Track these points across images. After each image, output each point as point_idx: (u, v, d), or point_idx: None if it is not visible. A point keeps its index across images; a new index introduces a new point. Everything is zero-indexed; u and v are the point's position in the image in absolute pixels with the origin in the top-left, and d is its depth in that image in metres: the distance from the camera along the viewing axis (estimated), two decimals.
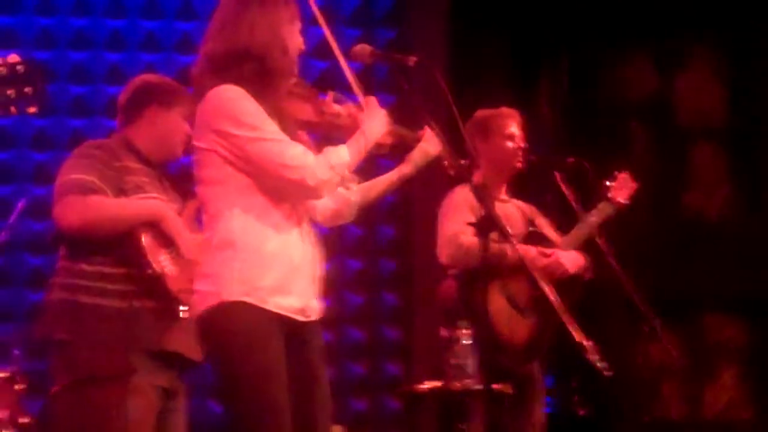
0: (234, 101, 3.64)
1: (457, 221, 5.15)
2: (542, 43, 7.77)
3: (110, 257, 4.19)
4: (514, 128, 5.47)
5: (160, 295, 4.17)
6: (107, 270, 4.18)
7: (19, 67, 3.11)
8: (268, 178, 3.65)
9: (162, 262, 4.19)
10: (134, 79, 4.55)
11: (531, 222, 5.50)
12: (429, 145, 3.94)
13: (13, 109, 3.11)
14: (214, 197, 3.70)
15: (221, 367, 3.66)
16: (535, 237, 5.41)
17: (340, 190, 3.91)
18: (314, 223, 3.90)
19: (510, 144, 5.43)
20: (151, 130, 4.39)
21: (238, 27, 3.72)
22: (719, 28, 7.76)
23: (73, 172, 4.21)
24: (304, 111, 3.83)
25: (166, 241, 4.23)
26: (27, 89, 3.11)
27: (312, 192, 3.70)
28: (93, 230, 4.17)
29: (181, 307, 4.19)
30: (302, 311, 3.72)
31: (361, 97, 3.88)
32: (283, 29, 3.74)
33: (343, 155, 3.70)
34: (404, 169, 4.03)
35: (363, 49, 3.95)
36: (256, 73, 3.69)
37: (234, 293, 3.60)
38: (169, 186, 4.45)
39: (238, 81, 3.67)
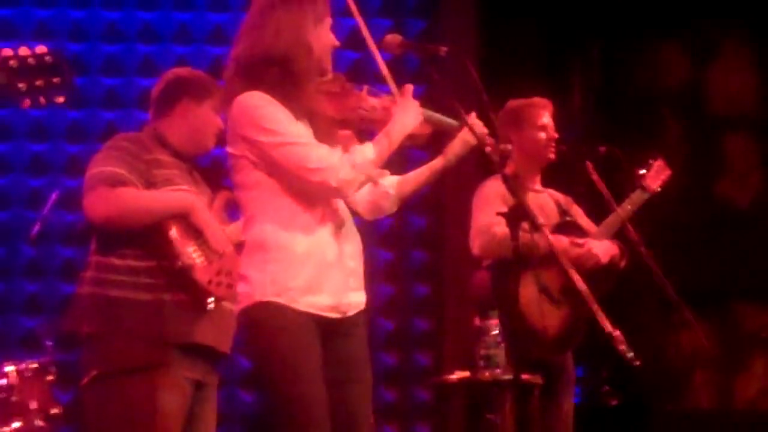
0: (258, 108, 3.69)
1: (489, 212, 5.14)
2: (574, 32, 7.74)
3: (140, 250, 4.20)
4: (547, 118, 5.46)
5: (188, 288, 4.18)
6: (137, 263, 4.19)
7: (47, 58, 3.14)
8: (294, 181, 3.69)
9: (191, 254, 4.20)
10: (166, 72, 4.57)
11: (565, 212, 5.49)
12: (469, 132, 3.89)
13: (42, 99, 3.14)
14: (247, 201, 3.78)
15: (256, 365, 3.75)
16: (567, 226, 5.40)
17: (385, 181, 3.94)
18: (355, 216, 3.94)
19: (542, 135, 5.42)
20: (182, 123, 4.41)
21: (263, 30, 3.75)
22: (752, 17, 7.71)
23: (102, 164, 4.23)
24: (337, 109, 3.83)
25: (195, 233, 4.24)
26: (55, 79, 3.14)
27: (336, 192, 3.73)
28: (122, 222, 4.18)
29: (210, 299, 4.21)
30: (335, 308, 3.75)
31: (394, 88, 3.88)
32: (308, 30, 3.76)
33: (367, 154, 3.72)
34: (445, 158, 4.00)
35: (394, 39, 3.95)
36: (282, 76, 3.72)
37: (266, 294, 3.68)
38: (199, 178, 4.46)
39: (264, 85, 3.71)
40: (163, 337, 4.16)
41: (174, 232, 4.20)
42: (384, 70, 3.92)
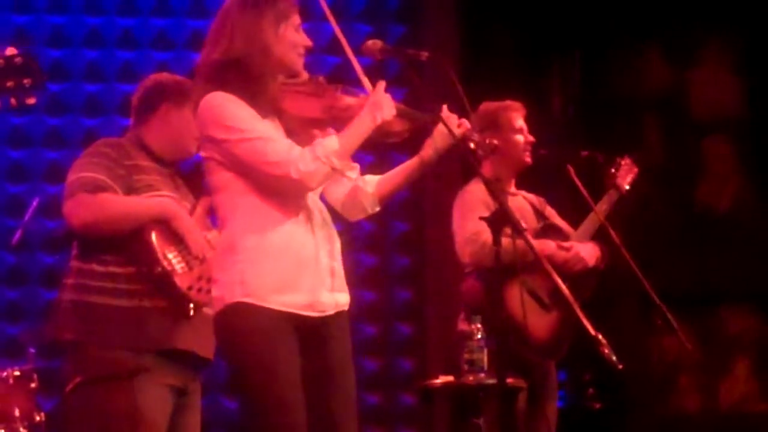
0: (219, 107, 3.70)
1: (475, 219, 5.13)
2: (554, 36, 7.75)
3: (120, 257, 4.19)
4: (521, 121, 5.46)
5: (168, 294, 4.16)
6: (117, 270, 4.18)
7: (16, 59, 3.14)
8: (258, 178, 3.69)
9: (171, 260, 4.18)
10: (146, 78, 4.56)
11: (541, 214, 5.50)
12: (449, 125, 3.83)
13: (12, 100, 3.14)
14: (219, 203, 3.78)
15: (230, 368, 3.74)
16: (549, 230, 5.40)
17: (358, 181, 3.91)
18: (337, 218, 3.93)
19: (520, 138, 5.42)
20: (163, 128, 4.40)
21: (221, 35, 3.78)
22: (731, 21, 7.74)
23: (83, 170, 4.22)
24: (311, 108, 3.82)
25: (176, 239, 4.23)
26: (26, 81, 3.14)
27: (298, 185, 3.68)
28: (102, 228, 4.17)
29: (191, 305, 4.19)
30: (311, 306, 3.73)
31: (369, 87, 3.85)
32: (264, 30, 3.75)
33: (330, 144, 3.69)
34: (424, 155, 3.91)
35: (374, 44, 3.94)
36: (241, 78, 3.72)
37: (236, 295, 3.67)
38: (181, 184, 4.45)
39: (226, 87, 3.72)
40: (144, 344, 4.14)
41: (154, 238, 4.18)
42: (358, 69, 3.91)
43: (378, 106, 3.75)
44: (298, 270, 3.71)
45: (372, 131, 3.74)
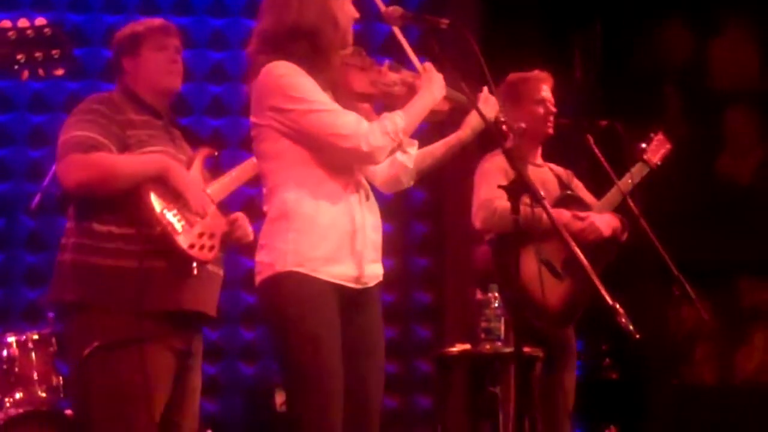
0: (285, 77, 3.70)
1: (491, 186, 5.14)
2: (575, 6, 7.72)
3: (120, 216, 4.10)
4: (546, 92, 5.45)
5: (170, 254, 4.09)
6: (118, 230, 4.10)
7: (46, 30, 3.15)
8: (324, 149, 3.71)
9: (170, 219, 4.10)
10: (118, 31, 4.46)
11: (567, 186, 5.49)
12: (485, 107, 3.92)
13: (41, 71, 3.15)
14: (270, 171, 3.78)
15: (275, 336, 3.75)
16: (568, 200, 5.40)
17: (398, 155, 3.93)
18: (373, 189, 3.95)
19: (541, 109, 5.41)
20: (137, 77, 4.31)
21: (287, 5, 3.77)
22: None
23: (75, 129, 4.14)
24: (359, 83, 3.84)
25: (174, 196, 4.14)
26: (54, 52, 3.14)
27: (367, 158, 3.74)
28: (97, 188, 4.09)
29: (194, 264, 4.14)
30: (357, 279, 3.78)
31: (418, 65, 3.91)
32: (333, 2, 3.78)
33: (398, 121, 3.74)
34: (462, 134, 4.04)
35: (395, 10, 3.94)
36: (309, 49, 3.74)
37: (287, 263, 3.68)
38: (177, 134, 4.38)
39: (290, 57, 3.72)
40: (149, 306, 4.07)
41: (152, 197, 4.10)
42: (406, 47, 3.95)
43: (433, 84, 3.83)
44: (347, 242, 3.75)
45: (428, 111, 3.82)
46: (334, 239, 3.72)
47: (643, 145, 5.58)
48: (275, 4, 3.81)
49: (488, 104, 3.94)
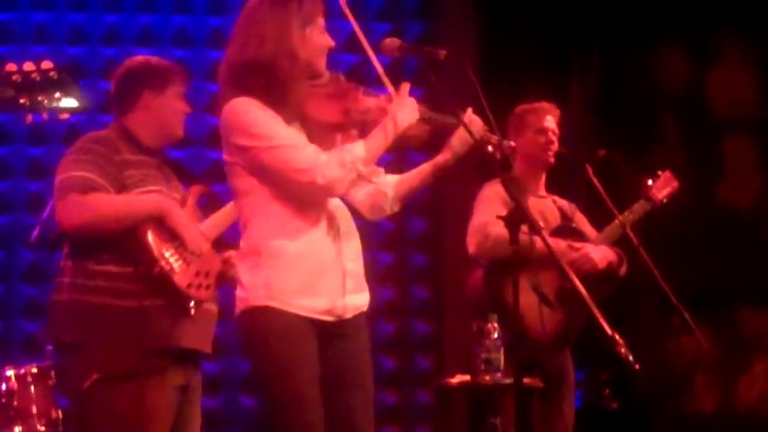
0: (244, 114, 3.71)
1: (487, 212, 5.16)
2: (573, 34, 7.73)
3: (117, 256, 4.13)
4: (549, 122, 5.46)
5: (168, 293, 4.11)
6: (115, 269, 4.13)
7: (51, 74, 3.14)
8: (285, 184, 3.70)
9: (168, 258, 4.13)
10: (120, 66, 4.47)
11: (569, 219, 5.49)
12: (470, 129, 3.84)
13: (45, 114, 3.14)
14: (243, 207, 3.80)
15: (253, 368, 3.79)
16: (566, 230, 5.40)
17: (379, 182, 3.93)
18: (357, 217, 3.94)
19: (541, 138, 5.42)
20: (147, 116, 4.33)
21: (248, 36, 3.77)
22: (751, 18, 7.70)
23: (73, 169, 4.16)
24: (330, 113, 3.81)
25: (171, 236, 4.18)
26: (59, 95, 3.14)
27: (324, 191, 3.71)
28: (95, 229, 4.12)
29: (191, 303, 4.16)
30: (330, 312, 3.76)
31: (391, 89, 3.88)
32: (292, 35, 3.75)
33: (356, 151, 3.70)
34: (443, 157, 3.95)
35: (392, 42, 3.94)
36: (267, 83, 3.72)
37: (260, 298, 3.70)
38: (171, 173, 4.40)
39: (251, 92, 3.72)
40: (148, 344, 4.10)
41: (150, 237, 4.13)
42: (380, 70, 3.91)
43: (401, 111, 3.77)
44: (318, 275, 3.74)
45: (397, 136, 3.76)
46: (304, 273, 3.71)
47: (650, 182, 5.57)
48: (235, 39, 3.81)
49: (473, 125, 3.86)
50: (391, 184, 3.99)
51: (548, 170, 5.53)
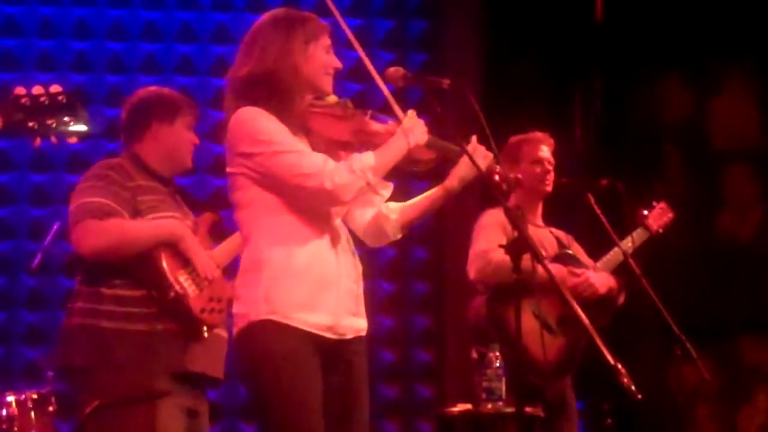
0: (250, 121, 3.72)
1: (487, 238, 5.17)
2: (575, 65, 7.76)
3: (129, 280, 4.17)
4: (544, 152, 5.48)
5: (181, 317, 4.14)
6: (127, 293, 4.16)
7: (60, 98, 3.15)
8: (291, 191, 3.69)
9: (182, 283, 4.17)
10: (132, 96, 4.53)
11: (566, 248, 5.50)
12: (475, 158, 3.83)
13: (53, 138, 3.15)
14: (245, 220, 3.78)
15: (251, 387, 3.73)
16: (565, 258, 5.41)
17: (382, 207, 3.93)
18: (358, 243, 3.94)
19: (538, 168, 5.44)
20: (157, 146, 4.38)
21: (252, 52, 3.81)
22: (753, 51, 7.72)
23: (89, 195, 4.20)
24: (339, 131, 3.83)
25: (184, 261, 4.22)
26: (67, 119, 3.15)
27: (332, 196, 3.69)
28: (112, 254, 4.15)
29: (204, 328, 4.18)
30: (331, 329, 3.73)
31: (399, 114, 3.89)
32: (294, 50, 3.78)
33: (366, 159, 3.70)
34: (448, 184, 3.92)
35: (396, 71, 3.96)
36: (269, 95, 3.75)
37: (260, 312, 3.66)
38: (181, 202, 4.45)
39: (255, 103, 3.74)
40: (158, 368, 4.12)
41: (164, 262, 4.17)
42: (388, 96, 3.93)
43: (412, 130, 3.78)
44: (321, 290, 3.71)
45: (404, 155, 3.76)
46: (307, 286, 3.68)
47: (645, 212, 5.60)
48: (240, 55, 3.85)
49: (477, 154, 3.85)
50: (395, 210, 3.99)
51: (546, 200, 5.54)
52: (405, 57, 7.31)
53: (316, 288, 3.70)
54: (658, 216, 5.65)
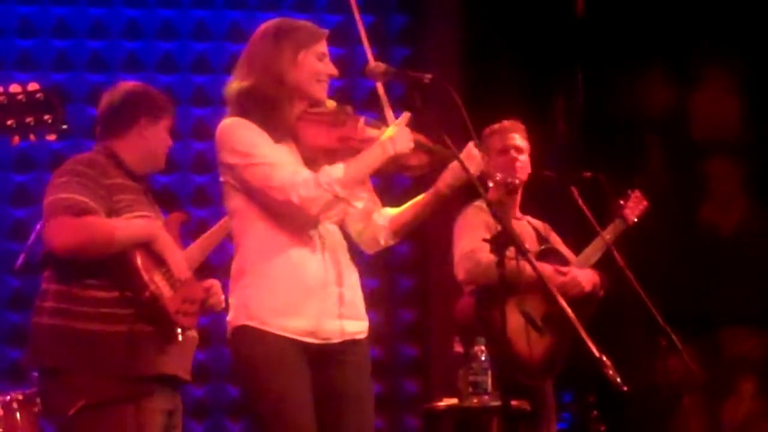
0: (230, 132, 3.78)
1: (473, 238, 5.15)
2: (556, 58, 7.76)
3: (104, 280, 4.09)
4: (513, 140, 5.40)
5: (157, 318, 4.09)
6: (101, 294, 4.09)
7: (38, 95, 3.14)
8: (265, 202, 3.74)
9: (157, 283, 4.11)
10: (116, 88, 4.45)
11: (545, 239, 5.50)
12: (469, 162, 3.83)
13: (32, 136, 3.14)
14: (235, 228, 3.86)
15: (241, 391, 3.81)
16: (548, 253, 5.41)
17: (374, 215, 3.96)
18: (356, 249, 3.98)
19: (503, 158, 5.36)
20: (139, 143, 4.32)
21: (243, 64, 3.87)
22: (733, 42, 7.74)
23: (64, 191, 4.11)
24: (323, 138, 3.84)
25: (158, 261, 4.16)
26: (46, 117, 3.14)
27: (299, 210, 3.71)
28: (86, 251, 4.07)
29: (179, 330, 4.14)
30: (312, 334, 3.76)
31: (390, 117, 3.92)
32: (281, 60, 3.81)
33: (335, 172, 3.72)
34: (439, 189, 3.92)
35: (377, 66, 3.96)
36: (255, 104, 3.79)
37: (240, 318, 3.75)
38: (153, 200, 4.39)
39: (243, 113, 3.79)
40: (134, 371, 4.07)
41: (139, 262, 4.11)
42: (383, 99, 3.95)
43: (392, 139, 3.77)
44: (302, 296, 3.74)
45: (383, 163, 3.77)
46: (285, 292, 3.73)
47: (621, 202, 5.59)
48: (236, 68, 3.90)
49: (472, 159, 3.85)
50: (386, 217, 4.00)
51: (523, 191, 5.50)
52: (387, 52, 7.30)
53: (296, 294, 3.74)
54: (633, 206, 5.63)
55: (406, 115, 3.85)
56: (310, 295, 3.75)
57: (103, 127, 4.38)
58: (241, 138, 3.75)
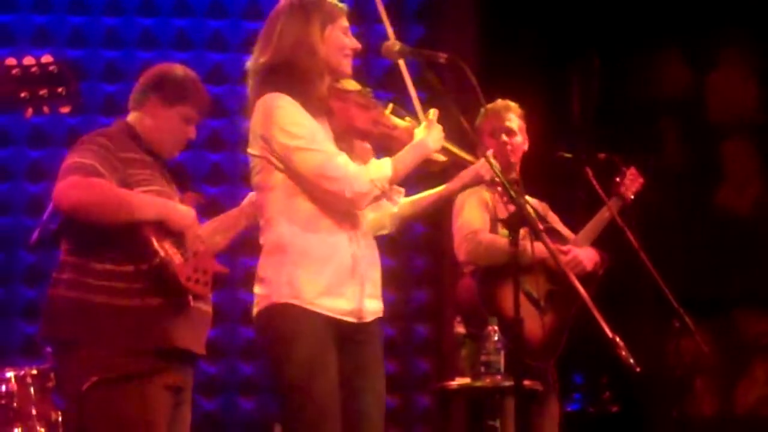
0: (281, 109, 3.75)
1: (472, 218, 5.16)
2: (573, 40, 7.74)
3: (118, 253, 4.06)
4: (510, 122, 5.37)
5: (168, 286, 4.05)
6: (117, 267, 4.07)
7: (51, 68, 3.14)
8: (311, 186, 3.74)
9: (167, 250, 4.07)
10: (159, 65, 4.46)
11: (543, 219, 5.48)
12: (483, 170, 3.95)
13: (45, 108, 3.14)
14: (266, 203, 3.83)
15: (272, 366, 3.79)
16: (549, 234, 5.38)
17: (385, 201, 3.96)
18: None
19: (494, 140, 5.33)
20: (149, 121, 4.29)
21: (270, 38, 3.85)
22: (751, 24, 7.71)
23: (77, 156, 4.09)
24: (360, 119, 3.87)
25: (169, 232, 4.11)
26: (59, 89, 3.14)
27: (350, 203, 3.77)
28: (92, 211, 4.02)
29: (191, 297, 4.11)
30: (353, 313, 3.81)
31: (419, 110, 3.94)
32: (311, 32, 3.82)
33: (384, 170, 3.77)
34: (452, 187, 4.05)
35: (393, 45, 3.96)
36: (289, 78, 3.78)
37: (283, 296, 3.73)
38: (170, 179, 4.35)
39: (277, 89, 3.76)
40: (147, 344, 4.06)
41: (150, 232, 4.07)
42: (412, 92, 3.97)
43: (431, 138, 3.84)
44: (343, 276, 3.78)
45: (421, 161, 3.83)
46: (330, 273, 3.75)
47: (617, 179, 5.57)
48: (260, 42, 3.89)
49: (485, 169, 3.96)
50: (397, 204, 4.04)
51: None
52: (402, 30, 7.28)
53: (338, 274, 3.77)
54: (630, 183, 5.59)
55: (435, 112, 3.88)
56: (349, 275, 3.79)
57: (131, 99, 4.39)
58: (291, 117, 3.74)
